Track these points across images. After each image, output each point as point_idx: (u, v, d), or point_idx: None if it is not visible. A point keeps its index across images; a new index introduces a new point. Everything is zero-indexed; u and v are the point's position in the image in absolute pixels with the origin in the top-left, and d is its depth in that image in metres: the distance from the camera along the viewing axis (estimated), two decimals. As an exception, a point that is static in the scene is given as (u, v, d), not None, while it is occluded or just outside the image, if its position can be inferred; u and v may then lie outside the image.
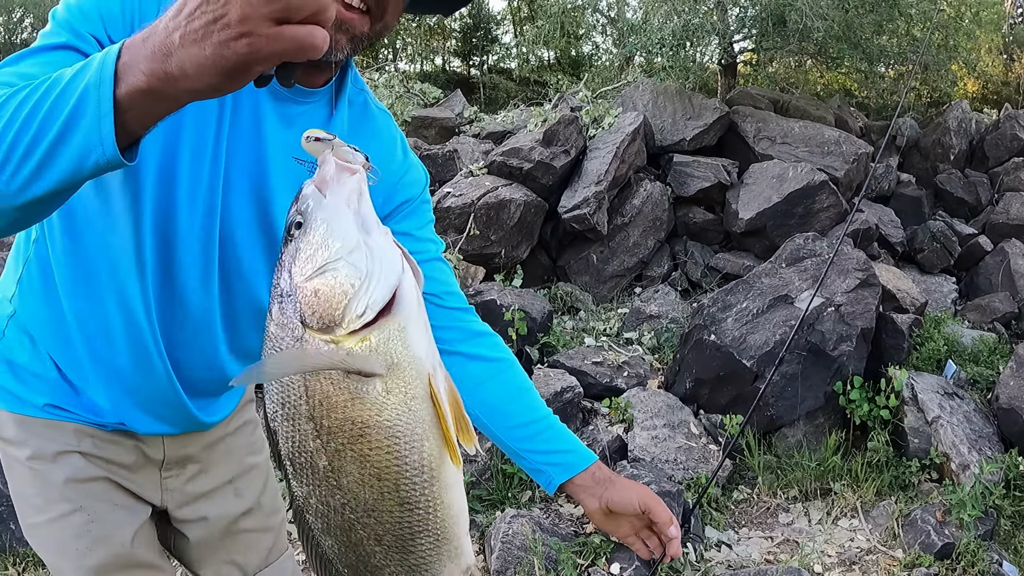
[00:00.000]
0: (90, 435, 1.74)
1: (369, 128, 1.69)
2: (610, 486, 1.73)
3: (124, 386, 1.68)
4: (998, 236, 8.63)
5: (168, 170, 1.46)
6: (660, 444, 5.04)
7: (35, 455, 1.73)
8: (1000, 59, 15.52)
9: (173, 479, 1.86)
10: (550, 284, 7.60)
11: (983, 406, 5.51)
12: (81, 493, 1.75)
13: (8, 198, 1.02)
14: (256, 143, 1.52)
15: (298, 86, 1.53)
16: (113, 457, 1.77)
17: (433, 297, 1.75)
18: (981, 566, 4.15)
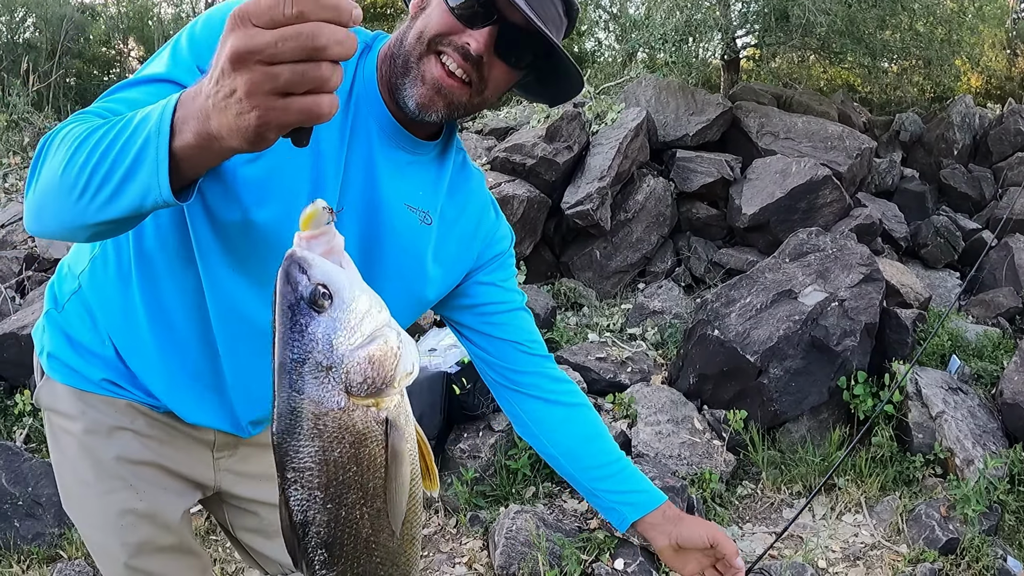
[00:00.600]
0: (143, 413, 1.78)
1: (467, 187, 1.77)
2: (679, 523, 1.81)
3: (183, 381, 1.72)
4: (1002, 231, 8.61)
5: (287, 207, 1.50)
6: (664, 439, 5.03)
7: (89, 429, 1.77)
8: (1004, 54, 15.46)
9: (226, 459, 1.90)
10: (553, 280, 7.59)
11: (987, 401, 5.50)
12: (131, 472, 1.79)
13: (88, 216, 1.16)
14: (369, 186, 1.58)
15: (410, 135, 1.59)
16: (165, 438, 1.81)
17: (519, 345, 1.86)
18: (986, 561, 4.15)
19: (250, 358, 1.67)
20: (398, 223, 1.63)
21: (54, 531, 4.39)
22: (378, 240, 1.62)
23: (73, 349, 1.76)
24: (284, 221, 1.50)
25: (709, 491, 4.73)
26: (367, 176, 1.58)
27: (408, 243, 1.66)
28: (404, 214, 1.63)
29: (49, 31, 18.06)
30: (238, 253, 1.56)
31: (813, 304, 5.44)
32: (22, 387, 5.43)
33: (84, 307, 1.74)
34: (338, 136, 1.54)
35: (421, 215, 1.65)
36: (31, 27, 19.55)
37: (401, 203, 1.62)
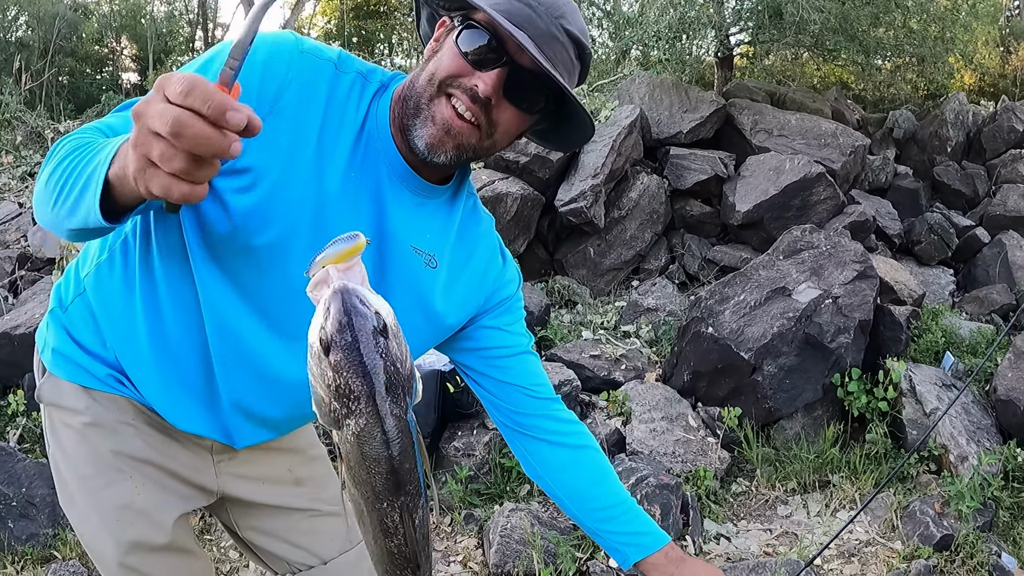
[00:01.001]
0: (144, 413, 1.78)
1: (476, 231, 1.78)
2: (681, 565, 1.81)
3: (178, 393, 1.73)
4: (995, 228, 8.63)
5: (285, 236, 1.54)
6: (658, 437, 5.03)
7: (92, 423, 1.77)
8: (997, 51, 15.50)
9: (226, 463, 1.90)
10: (547, 278, 7.59)
11: (981, 397, 5.51)
12: (131, 466, 1.79)
13: (59, 222, 1.31)
14: (375, 225, 1.59)
15: (420, 178, 1.61)
16: (166, 439, 1.82)
17: (524, 389, 1.85)
18: (980, 557, 4.15)
19: (244, 383, 1.69)
20: (403, 264, 1.64)
21: (48, 532, 4.38)
22: (382, 279, 1.62)
23: (78, 347, 1.76)
24: (280, 248, 1.53)
25: (704, 488, 4.74)
26: (374, 214, 1.59)
27: (411, 285, 1.66)
28: (410, 256, 1.64)
29: (42, 29, 18.03)
30: (235, 275, 1.57)
31: (807, 301, 5.44)
32: (15, 387, 5.41)
33: (87, 310, 1.75)
34: (343, 172, 1.54)
35: (427, 258, 1.66)
36: (24, 25, 19.52)
37: (407, 244, 1.63)
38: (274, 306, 1.61)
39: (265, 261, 1.54)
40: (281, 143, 1.48)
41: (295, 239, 1.53)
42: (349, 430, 1.10)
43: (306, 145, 1.51)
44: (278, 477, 1.99)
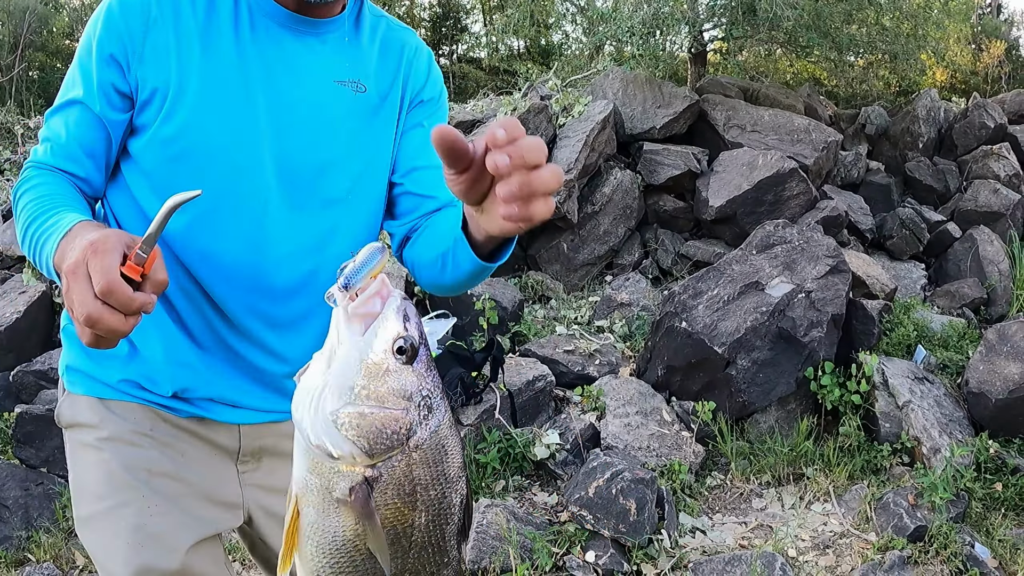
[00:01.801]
0: (164, 420, 1.73)
1: (398, 42, 1.76)
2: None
3: (193, 359, 1.69)
4: (966, 223, 8.68)
5: (218, 134, 1.56)
6: (633, 431, 5.02)
7: (108, 436, 1.70)
8: (968, 49, 15.63)
9: (251, 473, 1.83)
10: (521, 273, 7.56)
11: (953, 390, 5.54)
12: (147, 482, 1.70)
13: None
14: (294, 78, 1.60)
15: (311, 19, 1.61)
16: (187, 449, 1.74)
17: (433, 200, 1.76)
18: (954, 548, 4.17)
19: (241, 292, 1.65)
20: (335, 104, 1.64)
21: (21, 534, 4.32)
22: (327, 132, 1.63)
23: (88, 356, 1.72)
24: (218, 144, 1.56)
25: (678, 482, 4.73)
26: (284, 69, 1.60)
27: (353, 120, 1.66)
28: (336, 92, 1.64)
29: (11, 24, 17.83)
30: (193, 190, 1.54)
31: (780, 295, 5.45)
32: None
33: None
34: (235, 49, 1.56)
35: (353, 86, 1.65)
36: (0, 23, 19.30)
37: (330, 82, 1.63)
38: (242, 193, 1.60)
39: (206, 163, 1.56)
40: (170, 58, 1.53)
41: (226, 129, 1.55)
42: (424, 432, 1.04)
43: (190, 45, 1.54)
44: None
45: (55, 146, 1.59)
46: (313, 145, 1.62)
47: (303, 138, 1.60)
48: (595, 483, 4.27)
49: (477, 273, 1.44)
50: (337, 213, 1.67)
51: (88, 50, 1.56)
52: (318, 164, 1.63)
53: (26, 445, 4.75)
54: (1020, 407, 5.06)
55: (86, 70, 1.57)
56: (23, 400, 5.17)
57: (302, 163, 1.61)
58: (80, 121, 1.57)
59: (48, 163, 1.59)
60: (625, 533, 4.12)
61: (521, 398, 5.13)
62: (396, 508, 1.05)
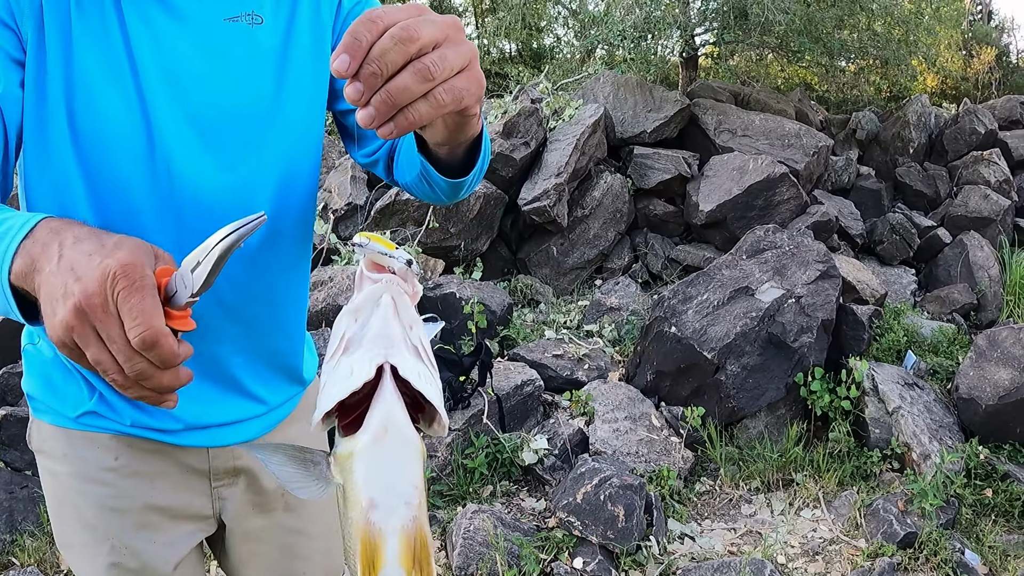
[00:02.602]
0: (128, 444, 1.62)
1: None
2: None
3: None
4: (957, 228, 8.69)
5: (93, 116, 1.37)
6: (622, 437, 4.99)
7: (74, 473, 1.62)
8: (959, 55, 15.68)
9: (226, 488, 1.73)
10: (510, 277, 7.54)
11: (943, 396, 5.52)
12: (117, 524, 1.63)
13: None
14: (178, 20, 1.41)
15: None
16: (155, 472, 1.65)
17: None
18: (944, 555, 4.14)
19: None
20: (230, 43, 1.45)
21: (5, 537, 4.28)
22: (226, 75, 1.44)
23: (47, 383, 1.62)
24: (113, 104, 1.37)
25: (667, 488, 4.70)
26: (171, 20, 1.40)
27: (255, 56, 1.48)
28: (228, 29, 1.45)
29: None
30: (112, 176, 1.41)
31: (770, 301, 5.43)
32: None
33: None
34: (112, 5, 1.37)
35: (248, 19, 1.46)
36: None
37: (219, 21, 1.44)
38: (146, 161, 1.41)
39: (96, 136, 1.38)
40: (41, 19, 1.33)
41: (112, 95, 1.37)
42: None
43: (60, 22, 1.34)
44: (271, 504, 1.81)
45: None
46: (214, 93, 1.43)
47: (201, 88, 1.42)
48: (583, 489, 4.23)
49: (459, 185, 1.35)
50: (261, 162, 1.50)
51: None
52: (225, 113, 1.45)
53: (10, 448, 4.70)
54: (1010, 413, 5.04)
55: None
56: (8, 402, 5.12)
57: (206, 116, 1.43)
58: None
59: None
60: (613, 539, 4.08)
61: (509, 403, 5.09)
62: None
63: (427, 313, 4.59)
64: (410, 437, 0.90)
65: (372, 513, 0.92)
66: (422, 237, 6.81)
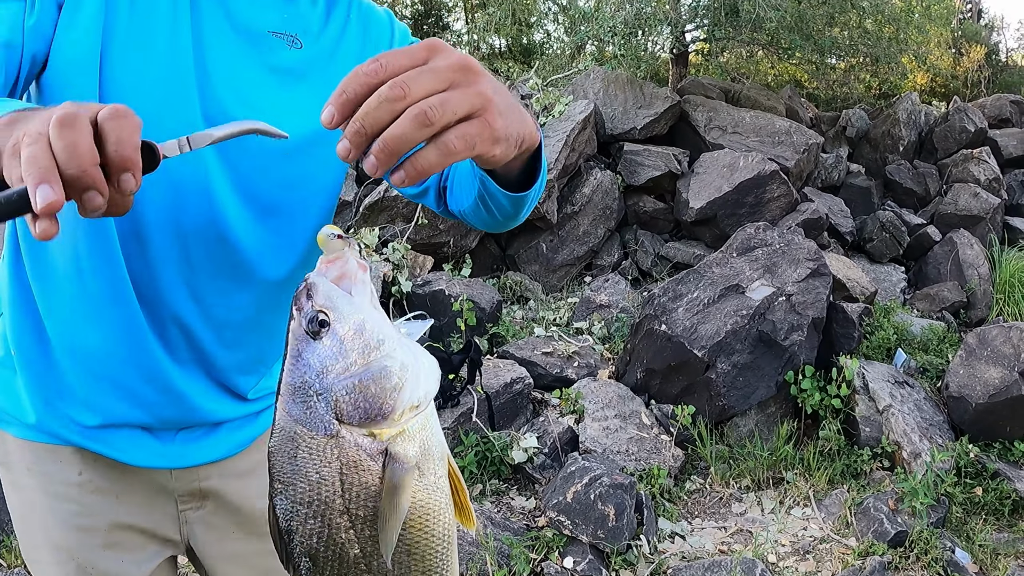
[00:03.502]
0: (93, 459, 1.58)
1: (343, 3, 1.59)
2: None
3: (105, 380, 1.51)
4: (946, 226, 8.69)
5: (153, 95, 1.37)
6: (611, 435, 4.97)
7: (41, 489, 1.58)
8: (949, 53, 15.70)
9: (192, 512, 1.68)
10: (499, 273, 7.51)
11: (933, 394, 5.51)
12: (83, 544, 1.59)
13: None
14: (230, 26, 1.44)
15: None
16: (120, 489, 1.61)
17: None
18: (934, 553, 4.14)
19: (177, 278, 1.47)
20: (266, 52, 1.47)
21: (-9, 537, 4.24)
22: (252, 80, 1.46)
23: (6, 393, 1.58)
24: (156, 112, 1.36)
25: (657, 487, 4.68)
26: (218, 18, 1.43)
27: (285, 73, 1.50)
28: (268, 41, 1.48)
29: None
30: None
31: (760, 299, 5.41)
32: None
33: (4, 341, 1.55)
34: (170, 4, 1.39)
35: (288, 39, 1.50)
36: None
37: (263, 32, 1.47)
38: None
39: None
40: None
41: (152, 76, 1.38)
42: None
43: (119, 15, 1.36)
44: (245, 527, 1.74)
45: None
46: (242, 97, 1.45)
47: (232, 91, 1.45)
48: (573, 488, 4.21)
49: (520, 201, 1.32)
50: (288, 167, 1.51)
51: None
52: (250, 115, 1.39)
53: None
54: (1000, 411, 5.04)
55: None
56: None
57: (233, 116, 1.42)
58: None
59: None
60: (604, 539, 4.06)
61: (499, 400, 5.06)
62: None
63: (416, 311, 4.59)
64: None
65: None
66: (411, 234, 6.78)
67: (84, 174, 0.82)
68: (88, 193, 0.84)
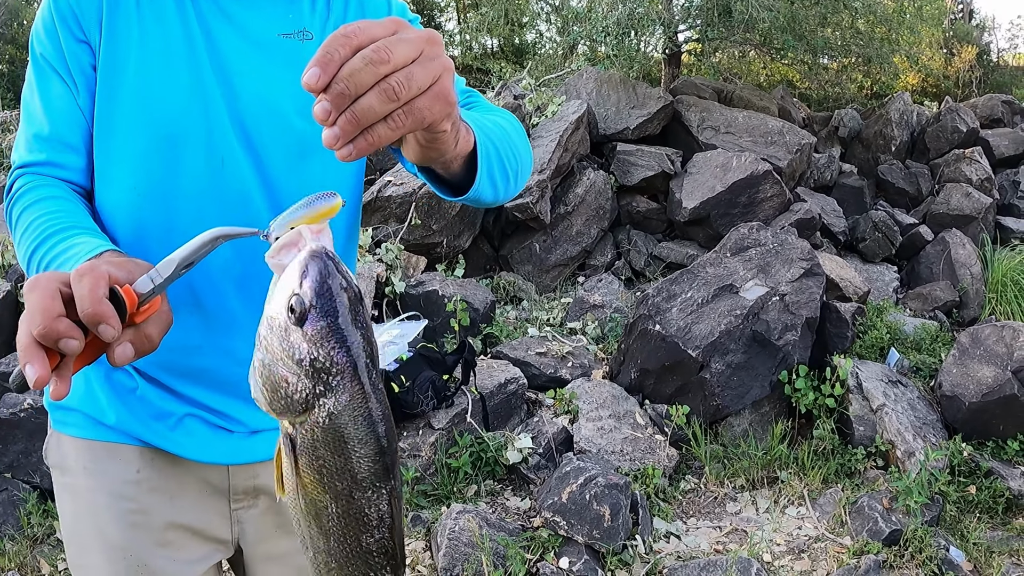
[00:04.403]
0: (150, 459, 1.61)
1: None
2: None
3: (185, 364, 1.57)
4: (939, 226, 8.71)
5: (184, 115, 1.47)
6: (606, 435, 4.97)
7: (97, 487, 1.60)
8: (941, 53, 15.74)
9: (244, 511, 1.71)
10: (492, 274, 7.51)
11: (926, 393, 5.53)
12: (137, 542, 1.62)
13: None
14: (240, 38, 1.50)
15: None
16: (175, 489, 1.64)
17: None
18: (929, 552, 4.14)
19: (222, 281, 1.52)
20: (283, 57, 1.53)
21: (-18, 541, 4.22)
22: (279, 86, 1.52)
23: (88, 393, 1.61)
24: (188, 123, 1.48)
25: (652, 487, 4.69)
26: (229, 31, 1.50)
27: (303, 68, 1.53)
28: (282, 44, 1.53)
29: (-18, 16, 17.63)
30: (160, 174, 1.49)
31: (754, 298, 5.42)
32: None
33: None
34: (179, 21, 1.48)
35: (299, 36, 1.55)
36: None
37: (274, 37, 1.53)
38: (202, 164, 1.50)
39: (156, 134, 1.47)
40: (111, 30, 1.46)
41: (174, 99, 1.47)
42: (323, 411, 0.96)
43: (128, 17, 1.47)
44: (288, 523, 1.73)
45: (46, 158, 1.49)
46: (268, 103, 1.51)
47: (258, 98, 1.51)
48: (568, 488, 4.21)
49: (469, 199, 1.31)
50: (317, 166, 1.56)
51: (53, 37, 1.48)
52: (278, 120, 1.53)
53: (-13, 449, 4.64)
54: (993, 410, 5.05)
55: (46, 57, 1.49)
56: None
57: (263, 123, 1.51)
58: (60, 95, 1.48)
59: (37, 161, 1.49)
60: (599, 539, 4.06)
61: (493, 401, 5.06)
62: (311, 481, 1.01)
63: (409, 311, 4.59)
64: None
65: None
66: (404, 234, 6.77)
67: (48, 329, 1.00)
68: (61, 342, 1.00)
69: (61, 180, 1.48)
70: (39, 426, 4.57)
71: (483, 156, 1.20)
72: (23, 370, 1.00)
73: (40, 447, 4.52)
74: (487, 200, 1.33)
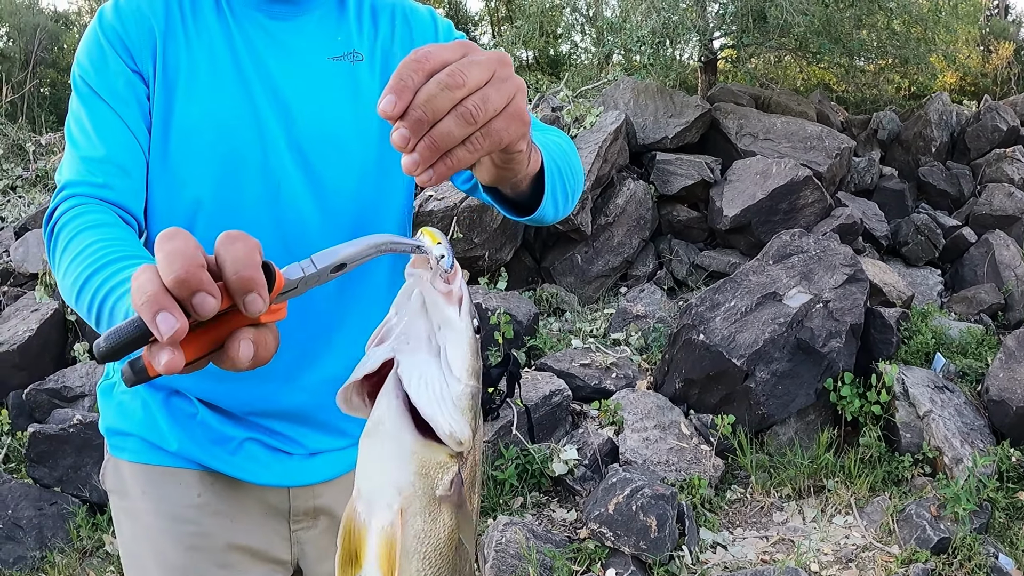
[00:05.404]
0: (211, 482, 1.63)
1: (390, 7, 1.67)
2: None
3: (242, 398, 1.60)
4: (981, 227, 8.65)
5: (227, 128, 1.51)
6: (651, 446, 5.00)
7: (156, 511, 1.63)
8: (978, 51, 15.61)
9: (304, 531, 1.72)
10: (535, 286, 7.55)
11: (973, 398, 5.49)
12: (198, 564, 1.64)
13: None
14: (289, 61, 1.54)
15: (290, 1, 1.56)
16: (236, 512, 1.66)
17: None
18: (978, 560, 4.13)
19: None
20: (335, 80, 1.56)
21: (35, 554, 4.32)
22: (333, 109, 1.55)
23: (127, 417, 1.64)
24: (239, 145, 1.51)
25: (698, 497, 4.70)
26: (279, 54, 1.54)
27: (357, 91, 1.58)
28: (333, 68, 1.57)
29: (23, 41, 17.95)
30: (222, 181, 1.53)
31: (798, 306, 5.42)
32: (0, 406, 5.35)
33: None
34: (225, 42, 1.52)
35: (349, 58, 1.58)
36: (4, 37, 19.43)
37: (324, 60, 1.56)
38: (257, 186, 1.53)
39: (211, 157, 1.51)
40: (162, 58, 1.50)
41: (227, 123, 1.50)
42: (477, 437, 0.94)
43: (176, 44, 1.50)
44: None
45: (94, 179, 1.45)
46: (325, 126, 1.54)
47: (314, 122, 1.54)
48: (615, 499, 4.24)
49: (535, 219, 1.31)
50: (372, 188, 1.59)
51: (101, 66, 1.49)
52: (335, 143, 1.55)
53: (39, 464, 4.75)
54: (1042, 415, 5.02)
55: (94, 88, 1.49)
56: (36, 419, 5.18)
57: (319, 147, 1.54)
58: (111, 124, 1.48)
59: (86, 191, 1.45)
60: (646, 550, 4.09)
61: (538, 413, 5.10)
62: (468, 490, 0.96)
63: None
64: (399, 438, 0.87)
65: (358, 503, 0.91)
66: (446, 248, 6.83)
67: (189, 275, 0.79)
68: (198, 296, 0.79)
69: (111, 204, 1.44)
70: (87, 441, 4.68)
71: (549, 175, 1.22)
72: (153, 320, 0.78)
73: (88, 461, 4.64)
74: (549, 219, 1.35)
